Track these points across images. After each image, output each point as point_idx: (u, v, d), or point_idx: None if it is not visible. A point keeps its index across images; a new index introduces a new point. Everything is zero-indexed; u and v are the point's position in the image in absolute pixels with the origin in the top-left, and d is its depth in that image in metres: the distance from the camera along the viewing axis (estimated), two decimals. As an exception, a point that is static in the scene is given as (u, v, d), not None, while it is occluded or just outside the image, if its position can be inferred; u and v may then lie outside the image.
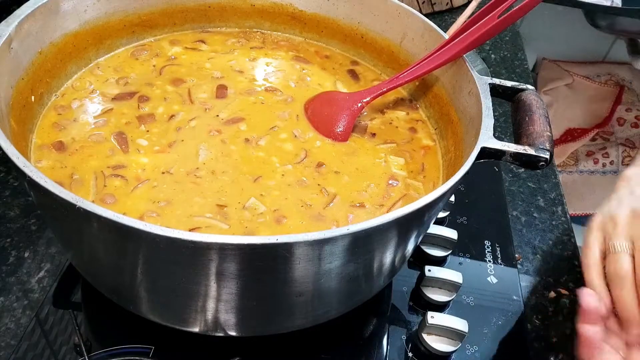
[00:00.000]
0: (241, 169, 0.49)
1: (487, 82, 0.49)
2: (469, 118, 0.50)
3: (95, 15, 0.56)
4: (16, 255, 0.57)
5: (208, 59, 0.62)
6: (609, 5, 1.24)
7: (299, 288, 0.40)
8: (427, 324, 0.52)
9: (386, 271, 0.47)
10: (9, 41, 0.45)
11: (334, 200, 0.48)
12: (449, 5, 1.13)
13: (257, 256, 0.35)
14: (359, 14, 0.63)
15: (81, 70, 0.56)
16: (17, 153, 0.35)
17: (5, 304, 0.52)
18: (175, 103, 0.55)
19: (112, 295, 0.47)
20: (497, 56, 1.05)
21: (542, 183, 0.77)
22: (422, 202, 0.37)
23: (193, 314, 0.44)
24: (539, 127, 0.45)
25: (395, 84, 0.55)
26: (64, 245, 0.49)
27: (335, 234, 0.34)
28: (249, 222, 0.44)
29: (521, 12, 0.47)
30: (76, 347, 0.49)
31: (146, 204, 0.44)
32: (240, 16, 0.66)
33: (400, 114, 0.59)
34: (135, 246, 0.36)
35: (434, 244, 0.62)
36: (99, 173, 0.46)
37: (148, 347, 0.50)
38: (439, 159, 0.55)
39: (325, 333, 0.53)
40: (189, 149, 0.50)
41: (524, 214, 0.72)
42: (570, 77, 1.57)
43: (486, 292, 0.60)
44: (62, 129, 0.50)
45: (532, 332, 0.58)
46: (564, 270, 0.66)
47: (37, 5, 0.48)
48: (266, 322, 0.46)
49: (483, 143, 0.43)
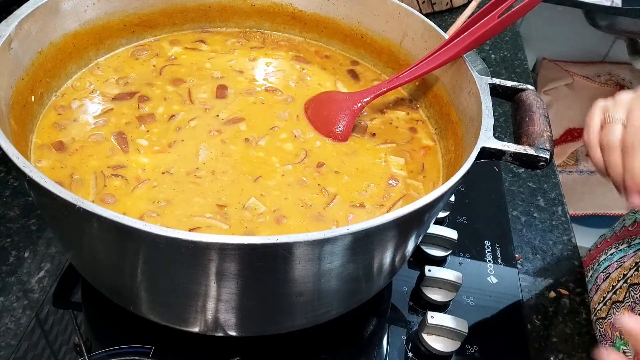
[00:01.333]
0: (241, 169, 0.49)
1: (487, 82, 0.49)
2: (469, 118, 0.50)
3: (95, 15, 0.56)
4: (16, 255, 0.57)
5: (208, 59, 0.62)
6: (609, 5, 1.24)
7: (299, 288, 0.40)
8: (427, 324, 0.52)
9: (386, 271, 0.47)
10: (9, 41, 0.45)
11: (334, 200, 0.48)
12: (449, 5, 1.13)
13: (257, 256, 0.35)
14: (359, 14, 0.63)
15: (81, 70, 0.56)
16: (17, 153, 0.35)
17: (5, 304, 0.52)
18: (175, 103, 0.55)
19: (112, 295, 0.47)
20: (497, 56, 1.05)
21: (542, 183, 0.77)
22: (422, 202, 0.37)
23: (193, 314, 0.44)
24: (539, 127, 0.45)
25: (395, 84, 0.55)
26: (64, 245, 0.49)
27: (335, 234, 0.34)
28: (249, 222, 0.44)
29: (521, 12, 0.47)
30: (76, 347, 0.49)
31: (146, 204, 0.44)
32: (240, 16, 0.66)
33: (400, 114, 0.59)
34: (135, 246, 0.36)
35: (434, 244, 0.62)
36: (99, 173, 0.46)
37: (148, 347, 0.50)
38: (439, 159, 0.55)
39: (325, 333, 0.53)
40: (189, 149, 0.50)
41: (524, 214, 0.72)
42: (570, 77, 1.57)
43: (486, 292, 0.60)
44: (62, 129, 0.50)
45: (532, 332, 0.58)
46: (564, 270, 0.66)
47: (37, 5, 0.48)
48: (266, 322, 0.46)
49: (483, 143, 0.43)
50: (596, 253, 0.67)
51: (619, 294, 0.57)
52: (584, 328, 0.60)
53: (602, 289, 0.60)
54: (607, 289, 0.59)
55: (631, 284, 0.56)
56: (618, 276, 0.58)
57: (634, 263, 0.57)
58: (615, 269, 0.59)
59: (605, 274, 0.61)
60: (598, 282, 0.61)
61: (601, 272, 0.62)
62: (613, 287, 0.58)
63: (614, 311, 0.56)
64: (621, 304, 0.56)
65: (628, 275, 0.57)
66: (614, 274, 0.59)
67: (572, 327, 0.60)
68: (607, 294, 0.59)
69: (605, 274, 0.60)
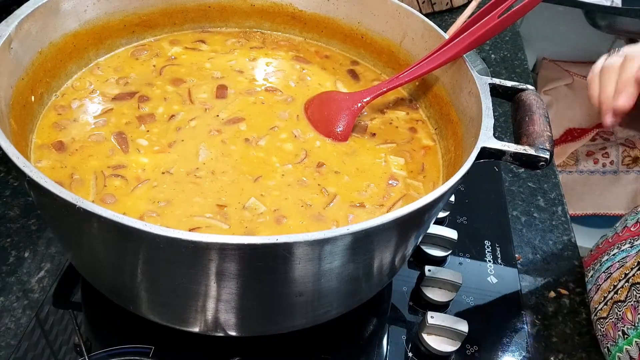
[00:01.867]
0: (241, 169, 0.49)
1: (487, 82, 0.49)
2: (469, 118, 0.50)
3: (95, 15, 0.56)
4: (16, 255, 0.57)
5: (208, 59, 0.62)
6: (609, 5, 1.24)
7: (299, 288, 0.40)
8: (427, 324, 0.52)
9: (386, 271, 0.47)
10: (9, 41, 0.45)
11: (334, 200, 0.48)
12: (449, 5, 1.13)
13: (257, 256, 0.35)
14: (359, 14, 0.63)
15: (81, 70, 0.56)
16: (17, 153, 0.35)
17: (5, 304, 0.52)
18: (176, 103, 0.55)
19: (112, 295, 0.47)
20: (497, 56, 1.05)
21: (542, 183, 0.77)
22: (422, 202, 0.37)
23: (193, 314, 0.44)
24: (539, 127, 0.45)
25: (395, 84, 0.55)
26: (64, 245, 0.49)
27: (335, 234, 0.34)
28: (249, 222, 0.44)
29: (521, 12, 0.47)
30: (76, 347, 0.49)
31: (146, 204, 0.44)
32: (240, 16, 0.66)
33: (400, 114, 0.59)
34: (135, 246, 0.36)
35: (434, 244, 0.62)
36: (99, 173, 0.46)
37: (148, 347, 0.50)
38: (439, 159, 0.55)
39: (325, 333, 0.53)
40: (189, 149, 0.50)
41: (524, 214, 0.72)
42: (570, 77, 1.57)
43: (486, 292, 0.60)
44: (63, 129, 0.50)
45: (532, 332, 0.58)
46: (564, 270, 0.66)
47: (37, 5, 0.48)
48: (266, 322, 0.46)
49: (483, 143, 0.43)
50: (598, 253, 0.66)
51: (621, 294, 0.57)
52: (584, 328, 0.60)
53: (602, 289, 0.60)
54: (608, 288, 0.59)
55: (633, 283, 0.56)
56: (619, 276, 0.58)
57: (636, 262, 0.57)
58: (617, 269, 0.59)
59: (606, 274, 0.60)
60: (599, 282, 0.61)
61: (603, 272, 0.61)
62: (614, 287, 0.58)
63: (615, 311, 0.56)
64: (623, 303, 0.56)
65: (630, 274, 0.57)
66: (615, 273, 0.59)
67: (572, 327, 0.60)
68: (608, 293, 0.59)
69: (607, 274, 0.60)
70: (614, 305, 0.57)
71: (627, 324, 0.54)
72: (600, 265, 0.63)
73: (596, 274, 0.63)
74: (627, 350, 0.54)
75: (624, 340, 0.54)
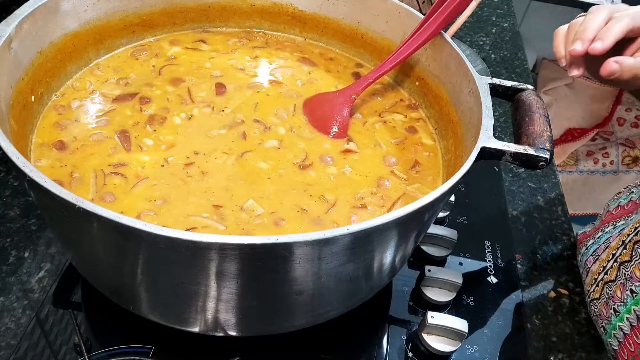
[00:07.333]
0: (240, 169, 0.49)
1: (487, 82, 0.49)
2: (469, 118, 0.50)
3: (95, 15, 0.56)
4: (16, 255, 0.57)
5: (209, 59, 0.62)
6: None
7: (299, 288, 0.40)
8: (427, 324, 0.52)
9: (386, 271, 0.47)
10: (9, 41, 0.45)
11: (333, 207, 0.48)
12: (449, 5, 1.13)
13: (257, 256, 0.35)
14: (359, 14, 0.63)
15: (81, 70, 0.56)
16: (17, 153, 0.35)
17: (5, 304, 0.52)
18: (175, 102, 0.55)
19: (112, 295, 0.47)
20: (497, 56, 1.05)
21: (542, 183, 0.77)
22: (422, 202, 0.37)
23: (193, 314, 0.44)
24: (539, 127, 0.45)
25: (380, 72, 0.57)
26: (64, 245, 0.49)
27: (335, 234, 0.34)
28: (246, 224, 0.44)
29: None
30: (76, 347, 0.49)
31: (144, 203, 0.44)
32: (240, 16, 0.66)
33: (400, 114, 0.59)
34: (135, 246, 0.36)
35: (434, 244, 0.62)
36: (99, 171, 0.46)
37: (148, 347, 0.50)
38: (439, 159, 0.55)
39: (325, 333, 0.53)
40: (189, 149, 0.50)
41: (524, 214, 0.72)
42: (570, 77, 1.56)
43: (486, 292, 0.60)
44: (63, 129, 0.50)
45: (532, 332, 0.58)
46: (564, 270, 0.66)
47: (37, 5, 0.48)
48: (266, 322, 0.46)
49: (483, 143, 0.42)
50: (583, 237, 0.68)
51: (610, 274, 0.58)
52: (583, 328, 0.60)
53: (592, 271, 0.61)
54: (598, 270, 0.60)
55: (621, 262, 0.57)
56: (607, 257, 0.59)
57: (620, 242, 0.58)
58: (603, 250, 0.60)
59: (594, 257, 0.62)
60: (588, 265, 0.62)
61: (590, 256, 0.62)
62: (604, 268, 0.59)
63: (606, 291, 0.57)
64: (613, 282, 0.57)
65: (617, 254, 0.58)
66: (602, 255, 0.60)
67: (572, 327, 0.60)
68: (598, 275, 0.60)
69: (595, 257, 0.61)
70: (605, 285, 0.58)
71: (617, 301, 0.55)
72: (587, 250, 0.64)
73: (584, 258, 0.64)
74: (619, 327, 0.55)
75: (616, 318, 0.55)
